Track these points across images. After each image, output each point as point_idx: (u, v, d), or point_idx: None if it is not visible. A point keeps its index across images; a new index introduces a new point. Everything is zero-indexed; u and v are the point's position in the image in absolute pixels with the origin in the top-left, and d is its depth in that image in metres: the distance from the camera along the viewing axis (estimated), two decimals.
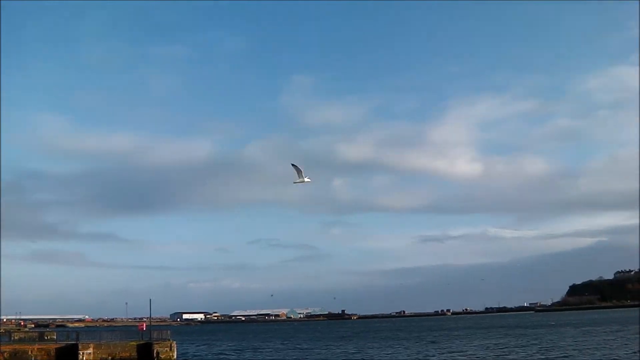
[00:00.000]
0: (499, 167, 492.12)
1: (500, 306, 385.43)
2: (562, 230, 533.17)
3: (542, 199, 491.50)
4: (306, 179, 50.61)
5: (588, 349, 62.24)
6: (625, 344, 64.22)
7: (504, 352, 65.60)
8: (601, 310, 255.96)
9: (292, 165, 50.86)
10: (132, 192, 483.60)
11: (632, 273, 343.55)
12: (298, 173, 50.21)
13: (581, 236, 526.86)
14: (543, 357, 55.51)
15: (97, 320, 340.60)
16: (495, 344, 77.77)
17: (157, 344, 65.25)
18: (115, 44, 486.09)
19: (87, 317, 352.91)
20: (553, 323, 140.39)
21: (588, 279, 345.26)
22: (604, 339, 74.48)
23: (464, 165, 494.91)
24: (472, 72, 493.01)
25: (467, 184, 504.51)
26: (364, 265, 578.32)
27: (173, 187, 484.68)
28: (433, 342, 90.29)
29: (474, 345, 77.85)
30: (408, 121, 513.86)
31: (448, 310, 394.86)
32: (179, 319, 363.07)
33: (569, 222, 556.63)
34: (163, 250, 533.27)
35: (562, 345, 67.85)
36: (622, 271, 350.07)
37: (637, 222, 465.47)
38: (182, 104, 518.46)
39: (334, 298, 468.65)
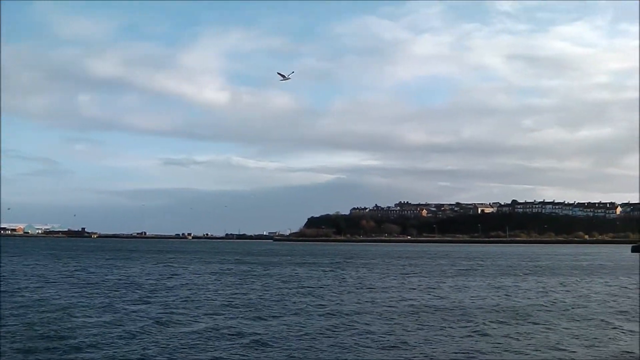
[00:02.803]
0: (246, 98, 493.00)
1: (241, 233, 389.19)
2: (304, 165, 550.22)
3: (285, 133, 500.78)
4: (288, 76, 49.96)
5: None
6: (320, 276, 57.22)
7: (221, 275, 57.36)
8: (336, 242, 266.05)
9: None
10: None
11: (367, 210, 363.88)
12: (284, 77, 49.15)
13: (321, 172, 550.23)
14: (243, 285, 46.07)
15: None
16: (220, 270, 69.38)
17: None
18: None
19: None
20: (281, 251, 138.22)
21: (326, 213, 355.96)
22: (316, 270, 67.89)
23: (211, 92, 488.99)
24: (225, 3, 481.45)
25: (214, 112, 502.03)
26: (107, 184, 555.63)
27: None
28: (166, 262, 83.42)
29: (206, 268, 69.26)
30: (159, 43, 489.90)
31: (189, 234, 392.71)
32: None
33: (310, 158, 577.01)
34: None
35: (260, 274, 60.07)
36: (357, 208, 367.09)
37: (373, 163, 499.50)
38: None
39: (75, 215, 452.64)
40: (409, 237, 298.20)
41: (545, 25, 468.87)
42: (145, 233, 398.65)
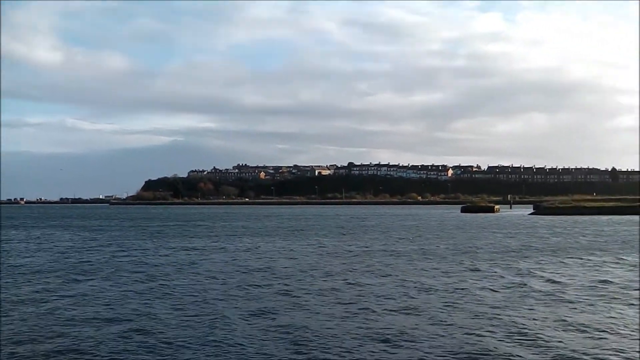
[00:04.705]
0: (79, 58, 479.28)
1: (76, 197, 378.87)
2: (140, 127, 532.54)
3: (121, 94, 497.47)
4: None
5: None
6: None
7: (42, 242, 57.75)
8: (174, 205, 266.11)
9: None
10: None
11: (205, 173, 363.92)
12: None
13: (158, 134, 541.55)
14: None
15: None
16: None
17: None
18: None
19: None
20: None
21: (164, 176, 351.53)
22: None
23: (43, 52, 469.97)
24: None
25: (46, 72, 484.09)
26: None
27: None
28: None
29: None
30: None
31: (22, 199, 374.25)
32: None
33: (146, 120, 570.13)
34: None
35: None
36: (195, 170, 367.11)
37: (210, 125, 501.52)
38: None
39: None
40: (247, 199, 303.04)
41: None
42: None
